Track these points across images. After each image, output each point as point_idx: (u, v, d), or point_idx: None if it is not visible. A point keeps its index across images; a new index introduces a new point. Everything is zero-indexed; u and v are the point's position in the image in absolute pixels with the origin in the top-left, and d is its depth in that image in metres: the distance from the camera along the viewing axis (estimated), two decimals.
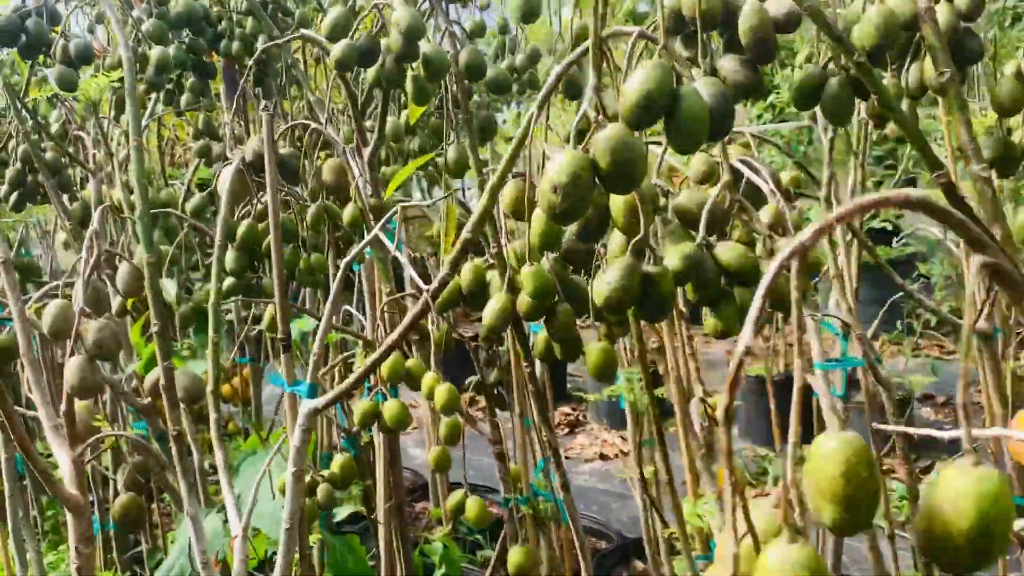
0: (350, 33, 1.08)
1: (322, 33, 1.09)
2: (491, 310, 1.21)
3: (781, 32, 0.85)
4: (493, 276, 1.32)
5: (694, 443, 1.12)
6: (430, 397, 1.33)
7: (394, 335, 0.92)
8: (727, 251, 0.77)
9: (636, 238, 0.71)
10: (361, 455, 2.35)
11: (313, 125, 1.40)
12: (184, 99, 2.32)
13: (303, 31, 1.43)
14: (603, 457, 4.44)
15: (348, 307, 2.01)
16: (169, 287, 1.95)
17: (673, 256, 0.74)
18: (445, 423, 1.37)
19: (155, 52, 1.32)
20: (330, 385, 1.89)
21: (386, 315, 1.55)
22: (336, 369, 1.69)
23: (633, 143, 0.66)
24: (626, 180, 0.66)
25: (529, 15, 1.09)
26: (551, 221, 0.67)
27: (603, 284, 0.69)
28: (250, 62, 1.53)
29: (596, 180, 0.66)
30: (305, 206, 1.50)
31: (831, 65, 0.96)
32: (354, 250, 1.02)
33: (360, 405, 1.38)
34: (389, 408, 1.37)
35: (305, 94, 2.33)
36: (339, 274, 1.01)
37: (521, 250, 1.28)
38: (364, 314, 1.92)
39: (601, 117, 0.67)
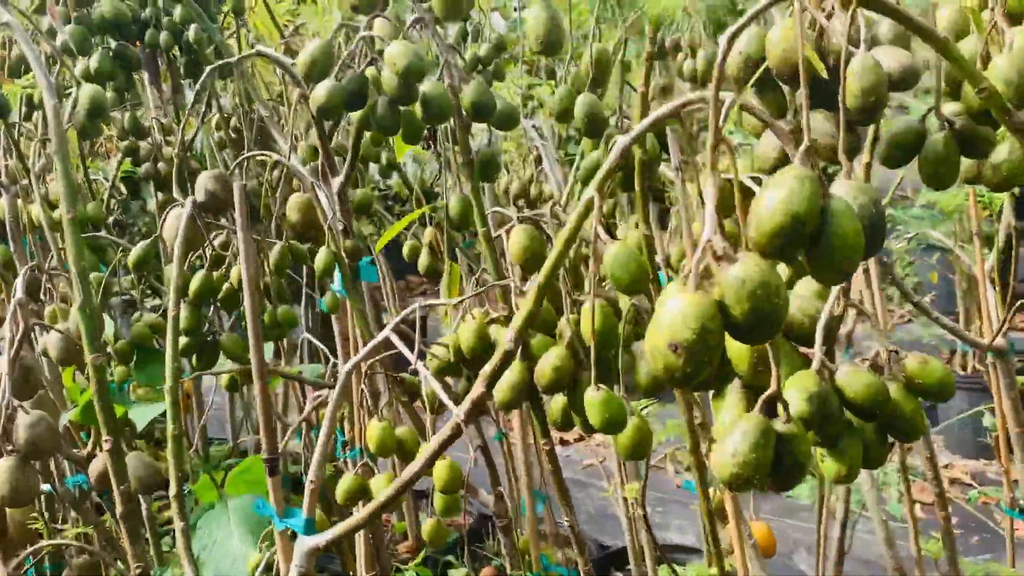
0: (332, 71, 0.88)
1: (298, 71, 0.89)
2: (506, 383, 1.04)
3: (894, 91, 0.69)
4: (499, 334, 1.15)
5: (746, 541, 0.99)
6: (429, 474, 1.16)
7: (420, 462, 0.75)
8: (854, 381, 0.61)
9: (768, 393, 0.55)
10: (326, 490, 2.17)
11: (275, 157, 1.19)
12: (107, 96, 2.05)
13: (260, 48, 1.21)
14: (563, 443, 4.33)
15: (310, 336, 1.82)
16: (105, 324, 1.73)
17: (795, 396, 0.58)
18: (441, 497, 1.21)
19: (85, 92, 1.09)
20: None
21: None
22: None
23: (778, 285, 0.49)
24: (766, 330, 0.50)
25: (552, 46, 0.90)
26: (667, 381, 0.50)
27: (727, 456, 0.53)
28: (197, 86, 1.30)
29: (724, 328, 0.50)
30: (270, 242, 1.30)
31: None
32: (358, 350, 0.84)
33: (344, 482, 1.20)
34: (378, 485, 1.19)
35: (239, 87, 2.08)
36: (338, 384, 0.83)
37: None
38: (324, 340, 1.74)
39: (724, 244, 0.50)
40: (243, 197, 0.98)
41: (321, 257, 1.20)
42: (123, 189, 3.04)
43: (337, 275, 1.40)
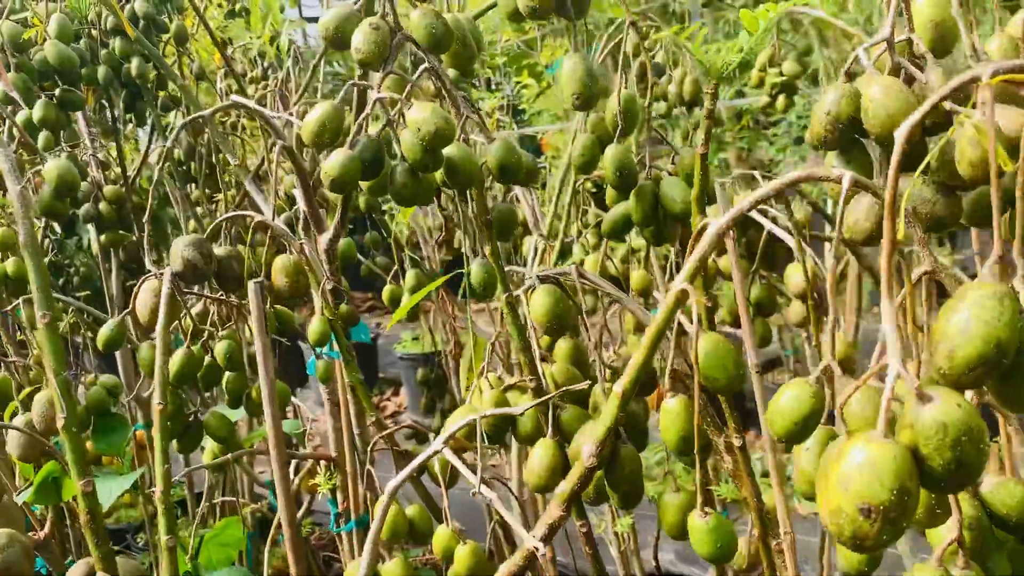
0: (345, 137, 0.78)
1: (304, 136, 0.78)
2: (540, 467, 0.95)
3: (1015, 157, 0.62)
4: (519, 403, 1.05)
5: None
6: (448, 560, 1.06)
7: None
8: (1004, 495, 0.54)
9: (952, 539, 0.47)
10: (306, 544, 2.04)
11: (258, 218, 1.08)
12: (42, 139, 1.89)
13: (236, 98, 1.09)
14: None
15: (295, 399, 1.70)
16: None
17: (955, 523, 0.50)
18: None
19: (52, 169, 0.95)
20: None
21: (360, 433, 1.26)
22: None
23: (981, 428, 0.41)
24: (967, 479, 0.42)
25: (589, 103, 0.81)
26: (854, 548, 0.41)
27: None
28: (170, 140, 1.18)
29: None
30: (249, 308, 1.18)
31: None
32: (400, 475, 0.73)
33: (351, 570, 1.09)
34: (392, 573, 1.09)
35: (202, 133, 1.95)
36: (379, 512, 0.71)
37: (562, 376, 1.02)
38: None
39: (914, 381, 0.42)
40: (260, 296, 0.87)
41: (316, 327, 1.09)
42: (56, 227, 2.86)
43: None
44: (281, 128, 1.10)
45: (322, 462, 1.34)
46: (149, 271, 1.06)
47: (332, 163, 0.75)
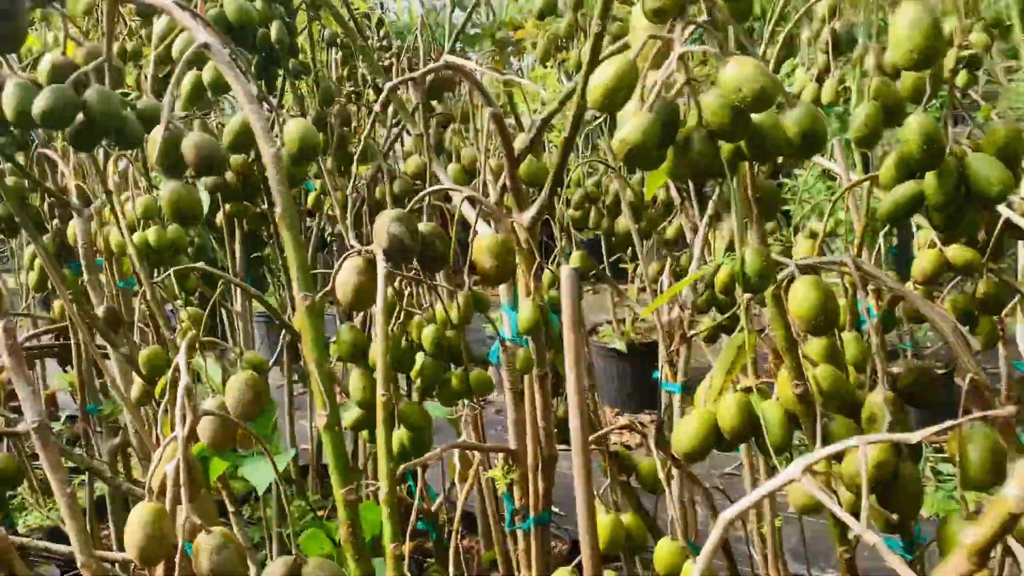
0: (642, 98, 0.66)
1: (590, 100, 0.67)
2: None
3: None
4: (766, 409, 0.94)
5: None
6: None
7: None
8: None
9: None
10: (441, 536, 1.97)
11: (464, 193, 0.98)
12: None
13: (448, 57, 0.98)
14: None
15: None
16: (212, 370, 1.51)
17: None
18: None
19: (293, 130, 0.85)
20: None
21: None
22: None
23: None
24: None
25: (929, 60, 0.68)
26: None
27: None
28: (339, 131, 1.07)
29: None
30: (443, 287, 1.09)
31: None
32: None
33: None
34: None
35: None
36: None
37: (826, 380, 0.89)
38: None
39: None
40: (575, 283, 0.76)
41: (526, 313, 0.99)
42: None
43: (507, 321, 1.19)
44: (491, 95, 1.00)
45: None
46: (352, 247, 0.97)
47: (633, 127, 0.64)
